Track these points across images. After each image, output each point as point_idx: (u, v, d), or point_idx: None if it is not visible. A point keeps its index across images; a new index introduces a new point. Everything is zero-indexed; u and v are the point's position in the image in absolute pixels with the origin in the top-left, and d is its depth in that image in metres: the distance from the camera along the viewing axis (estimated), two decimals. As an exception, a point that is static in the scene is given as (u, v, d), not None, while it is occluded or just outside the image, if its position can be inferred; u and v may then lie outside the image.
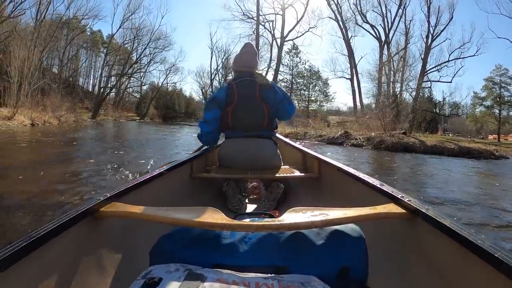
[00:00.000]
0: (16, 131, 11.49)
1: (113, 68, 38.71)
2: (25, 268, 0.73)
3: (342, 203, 1.26)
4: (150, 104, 44.52)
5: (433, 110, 31.51)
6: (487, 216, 3.61)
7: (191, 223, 0.92)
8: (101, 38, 44.76)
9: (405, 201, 1.06)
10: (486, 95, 31.69)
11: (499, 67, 30.22)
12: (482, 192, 5.41)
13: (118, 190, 1.16)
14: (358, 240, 0.87)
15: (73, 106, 23.63)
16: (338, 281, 0.80)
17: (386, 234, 1.19)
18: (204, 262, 0.80)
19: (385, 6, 29.14)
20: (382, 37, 29.11)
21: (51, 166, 5.03)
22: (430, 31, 28.09)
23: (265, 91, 2.20)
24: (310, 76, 39.38)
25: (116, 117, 35.96)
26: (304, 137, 15.27)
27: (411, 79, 26.19)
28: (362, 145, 12.94)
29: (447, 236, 0.85)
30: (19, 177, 4.04)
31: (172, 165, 1.76)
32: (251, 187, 2.44)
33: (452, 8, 27.47)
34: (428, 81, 29.09)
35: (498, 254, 0.70)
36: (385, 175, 6.22)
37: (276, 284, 0.67)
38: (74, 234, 0.91)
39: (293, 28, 31.99)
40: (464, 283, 0.81)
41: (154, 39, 37.96)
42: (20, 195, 3.25)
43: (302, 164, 2.60)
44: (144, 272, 0.69)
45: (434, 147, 12.43)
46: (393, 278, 1.06)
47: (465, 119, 37.80)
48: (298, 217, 0.93)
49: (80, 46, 39.20)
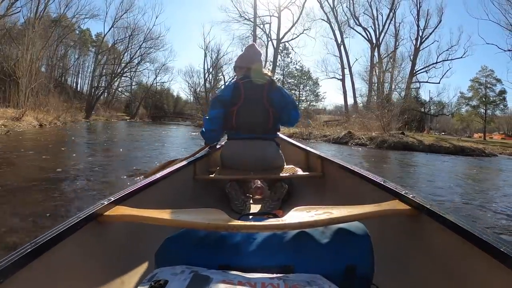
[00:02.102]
0: (34, 132, 11.57)
1: (104, 68, 38.34)
2: (30, 274, 0.73)
3: (346, 201, 1.25)
4: (140, 104, 44.37)
5: (421, 110, 32.62)
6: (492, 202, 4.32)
7: (195, 225, 0.92)
8: (90, 37, 44.24)
9: (409, 197, 1.07)
10: (472, 95, 32.90)
11: (485, 68, 31.48)
12: (487, 184, 6.24)
13: (122, 193, 1.16)
14: (364, 238, 0.88)
15: (70, 106, 23.52)
16: (344, 279, 0.81)
17: (390, 231, 1.18)
18: (210, 263, 0.80)
19: (376, 9, 30.09)
20: (373, 40, 30.01)
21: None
22: (419, 34, 29.23)
23: (272, 93, 2.18)
24: (301, 76, 40.14)
25: (107, 117, 35.54)
26: (309, 137, 15.76)
27: (400, 80, 27.17)
28: (366, 144, 13.54)
29: (452, 231, 0.86)
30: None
31: (175, 168, 1.77)
32: (255, 187, 2.43)
33: (441, 11, 28.68)
34: (417, 82, 30.24)
35: (504, 248, 0.70)
36: (402, 173, 6.85)
37: (282, 283, 0.67)
38: (79, 239, 0.91)
39: (289, 30, 32.54)
40: (470, 278, 0.81)
41: (148, 38, 37.80)
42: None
43: (305, 163, 2.59)
44: (150, 275, 0.70)
45: (432, 146, 13.20)
46: (399, 275, 1.05)
47: (450, 118, 39.05)
48: (303, 216, 0.93)
49: (68, 45, 38.62)
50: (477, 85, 32.55)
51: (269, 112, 2.16)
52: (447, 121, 40.80)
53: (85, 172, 4.48)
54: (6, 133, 9.92)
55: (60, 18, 30.25)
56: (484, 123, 31.60)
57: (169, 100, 51.17)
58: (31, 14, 24.78)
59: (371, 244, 0.87)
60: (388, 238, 1.16)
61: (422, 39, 29.49)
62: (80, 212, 0.96)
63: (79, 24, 36.36)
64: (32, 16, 24.37)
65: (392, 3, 29.07)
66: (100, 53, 37.72)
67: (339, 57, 31.63)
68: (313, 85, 40.45)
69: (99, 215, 1.00)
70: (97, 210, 0.99)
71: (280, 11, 31.22)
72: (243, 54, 2.42)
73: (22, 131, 11.34)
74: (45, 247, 0.77)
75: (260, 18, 31.45)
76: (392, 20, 29.77)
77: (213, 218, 0.93)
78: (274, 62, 32.84)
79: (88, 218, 0.95)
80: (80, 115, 27.99)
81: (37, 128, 13.67)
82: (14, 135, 9.81)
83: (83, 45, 42.30)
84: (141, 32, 37.29)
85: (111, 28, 36.12)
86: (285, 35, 32.62)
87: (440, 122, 41.59)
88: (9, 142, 8.11)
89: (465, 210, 3.72)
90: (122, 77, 40.55)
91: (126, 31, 36.60)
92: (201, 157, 2.31)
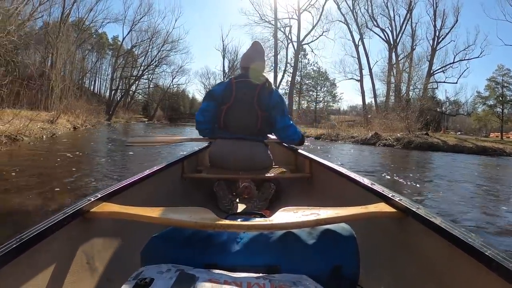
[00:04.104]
0: (73, 134, 12.14)
1: (124, 70, 39.19)
2: (15, 270, 0.73)
3: (333, 203, 1.24)
4: (158, 105, 45.01)
5: (437, 109, 32.52)
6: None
7: (182, 223, 0.91)
8: (107, 40, 45.04)
9: (396, 200, 1.07)
10: (489, 95, 32.53)
11: (501, 67, 31.08)
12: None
13: (109, 190, 1.16)
14: (350, 239, 0.88)
15: (94, 109, 24.11)
16: (330, 280, 0.81)
17: (377, 233, 1.19)
18: (196, 262, 0.80)
19: (393, 10, 30.17)
20: (391, 41, 30.12)
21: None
22: (436, 34, 29.20)
23: (263, 95, 2.13)
24: (318, 77, 40.34)
25: (126, 119, 36.37)
26: (337, 138, 16.02)
27: (417, 80, 27.20)
28: (393, 145, 13.76)
29: (438, 234, 0.86)
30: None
31: (163, 165, 1.76)
32: (242, 187, 2.40)
33: (457, 11, 28.57)
34: (434, 82, 30.17)
35: (489, 252, 0.70)
36: (444, 173, 7.11)
37: (268, 283, 0.67)
38: (65, 236, 0.91)
39: (309, 32, 32.79)
40: (455, 281, 0.81)
41: (168, 41, 38.67)
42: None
43: (293, 164, 2.61)
44: (135, 273, 0.69)
45: (456, 146, 13.42)
46: (385, 277, 1.06)
47: (466, 118, 38.66)
48: (290, 216, 0.93)
49: (86, 48, 39.47)
50: (493, 84, 32.15)
51: (258, 114, 2.12)
52: (462, 120, 40.38)
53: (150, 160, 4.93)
54: (52, 135, 10.40)
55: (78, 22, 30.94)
56: (501, 122, 31.21)
57: (185, 102, 51.78)
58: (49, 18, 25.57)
59: (357, 246, 0.88)
60: (374, 240, 1.17)
61: (439, 39, 29.52)
62: (67, 208, 0.96)
63: (96, 28, 37.29)
64: (51, 20, 25.19)
65: (409, 4, 29.13)
66: (118, 56, 38.58)
67: (357, 58, 31.96)
68: (330, 86, 40.66)
69: (86, 212, 1.00)
70: (83, 206, 0.99)
71: (300, 14, 31.54)
72: (245, 53, 2.39)
73: (62, 134, 11.84)
74: (30, 243, 0.77)
75: (280, 21, 31.79)
76: (408, 20, 29.91)
77: (200, 217, 0.92)
78: (295, 64, 33.20)
79: (74, 215, 0.94)
80: (102, 117, 28.68)
81: (72, 131, 14.11)
82: (59, 138, 10.31)
83: (100, 48, 43.12)
84: (159, 35, 38.24)
85: (130, 31, 37.06)
86: (305, 37, 32.90)
87: (455, 122, 41.27)
88: (63, 144, 8.61)
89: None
90: (140, 80, 41.42)
91: (144, 34, 37.52)
92: (190, 155, 2.33)
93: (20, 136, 8.23)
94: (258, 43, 2.39)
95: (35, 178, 4.23)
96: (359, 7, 31.11)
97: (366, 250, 0.96)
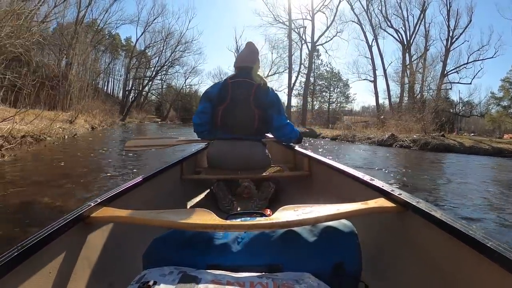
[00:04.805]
0: (92, 134, 12.38)
1: (138, 71, 39.68)
2: (16, 279, 0.73)
3: (333, 200, 1.25)
4: (171, 106, 45.34)
5: (451, 110, 32.15)
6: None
7: (183, 225, 0.91)
8: (120, 41, 45.58)
9: (396, 194, 1.07)
10: (503, 95, 32.07)
11: (515, 67, 30.66)
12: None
13: (109, 194, 1.16)
14: (351, 236, 0.89)
15: (110, 109, 24.46)
16: (332, 277, 0.81)
17: (378, 229, 1.19)
18: (198, 263, 0.80)
19: (407, 10, 29.93)
20: (404, 41, 29.88)
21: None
22: (449, 34, 28.87)
23: (259, 94, 2.14)
24: (331, 78, 40.28)
25: (140, 119, 36.80)
26: (354, 139, 15.97)
27: (431, 81, 26.95)
28: (410, 146, 13.65)
29: (438, 228, 0.86)
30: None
31: (162, 168, 1.76)
32: (242, 187, 2.38)
33: (470, 11, 28.17)
34: (448, 83, 29.82)
35: (490, 243, 0.70)
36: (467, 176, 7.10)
37: (271, 282, 0.67)
38: (66, 242, 0.91)
39: (323, 33, 32.63)
40: (457, 273, 0.82)
41: (182, 42, 39.02)
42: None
43: (292, 162, 2.61)
44: (138, 277, 0.69)
45: (472, 148, 13.30)
46: (387, 272, 1.07)
47: (479, 119, 38.18)
48: (290, 215, 0.93)
49: (99, 49, 39.98)
50: (508, 84, 31.71)
51: (254, 113, 2.14)
52: (476, 121, 39.84)
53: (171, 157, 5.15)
54: (73, 135, 10.63)
55: (92, 23, 31.41)
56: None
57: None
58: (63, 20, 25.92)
59: (358, 242, 0.88)
60: (375, 236, 1.17)
61: (453, 39, 29.08)
62: (67, 214, 0.96)
63: (110, 29, 37.80)
64: (65, 22, 25.54)
65: (422, 4, 28.87)
66: (132, 57, 39.05)
67: (371, 59, 31.81)
68: (343, 87, 40.59)
69: (86, 217, 1.00)
70: (84, 211, 0.99)
71: (314, 14, 31.42)
72: (239, 53, 2.41)
73: (83, 134, 12.07)
74: (32, 251, 0.77)
75: (294, 22, 31.75)
76: (422, 20, 29.63)
77: (200, 218, 0.92)
78: (309, 65, 33.04)
79: (75, 220, 0.95)
80: (116, 117, 29.07)
81: (90, 131, 14.31)
82: (81, 137, 10.54)
83: (114, 50, 43.68)
84: (172, 36, 38.66)
85: (143, 32, 37.51)
86: (319, 38, 32.79)
87: (469, 123, 40.72)
88: (89, 142, 8.82)
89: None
90: (153, 80, 41.80)
91: (157, 35, 37.98)
92: (188, 156, 2.32)
93: (44, 136, 8.43)
94: (251, 43, 2.41)
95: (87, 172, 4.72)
96: (372, 8, 30.97)
97: (368, 246, 0.97)
